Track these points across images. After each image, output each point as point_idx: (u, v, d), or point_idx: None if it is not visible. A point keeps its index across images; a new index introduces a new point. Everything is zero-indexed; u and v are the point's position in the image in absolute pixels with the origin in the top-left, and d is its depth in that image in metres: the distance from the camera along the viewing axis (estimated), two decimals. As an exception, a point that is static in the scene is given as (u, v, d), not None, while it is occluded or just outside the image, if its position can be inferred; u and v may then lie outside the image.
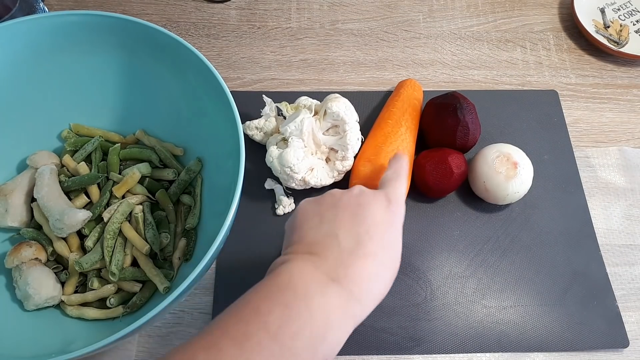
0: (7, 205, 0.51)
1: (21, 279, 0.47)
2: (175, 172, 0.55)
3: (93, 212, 0.51)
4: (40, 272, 0.48)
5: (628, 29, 0.69)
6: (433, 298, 0.53)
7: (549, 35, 0.71)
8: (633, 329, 0.52)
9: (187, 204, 0.54)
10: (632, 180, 0.60)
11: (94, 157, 0.55)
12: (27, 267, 0.48)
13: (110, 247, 0.49)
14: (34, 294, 0.46)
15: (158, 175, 0.55)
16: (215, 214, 0.49)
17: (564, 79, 0.67)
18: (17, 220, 0.51)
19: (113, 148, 0.55)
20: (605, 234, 0.57)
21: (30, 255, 0.48)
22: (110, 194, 0.52)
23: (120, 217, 0.50)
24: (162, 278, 0.48)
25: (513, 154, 0.54)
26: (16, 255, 0.48)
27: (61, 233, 0.49)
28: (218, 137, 0.50)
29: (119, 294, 0.49)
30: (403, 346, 0.50)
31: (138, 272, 0.49)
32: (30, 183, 0.52)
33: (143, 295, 0.49)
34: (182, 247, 0.51)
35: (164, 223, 0.53)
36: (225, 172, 0.48)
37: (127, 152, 0.55)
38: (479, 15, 0.73)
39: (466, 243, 0.55)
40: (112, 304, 0.48)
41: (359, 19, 0.72)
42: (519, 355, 0.50)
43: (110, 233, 0.50)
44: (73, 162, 0.54)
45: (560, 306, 0.52)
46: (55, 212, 0.49)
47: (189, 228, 0.52)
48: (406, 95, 0.59)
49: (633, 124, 0.64)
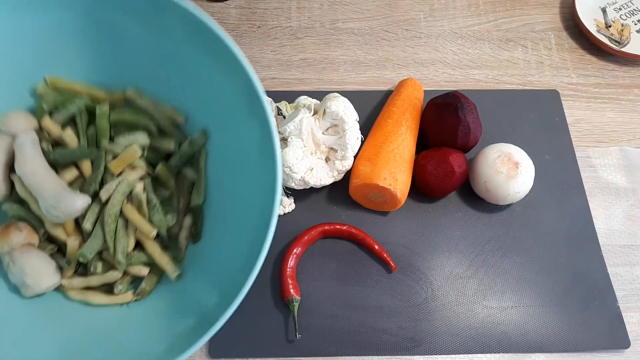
0: None
1: (15, 267, 0.43)
2: (176, 142, 0.49)
3: (87, 189, 0.46)
4: (36, 259, 0.44)
5: (629, 29, 0.69)
6: (434, 298, 0.52)
7: (550, 35, 0.71)
8: (634, 330, 0.52)
9: (190, 179, 0.49)
10: (634, 181, 0.60)
11: (79, 121, 0.48)
12: (20, 253, 0.44)
13: (112, 232, 0.46)
14: (34, 285, 0.43)
15: (156, 144, 0.49)
16: (222, 190, 0.47)
17: (565, 79, 0.67)
18: None
19: (101, 111, 0.47)
20: (607, 234, 0.57)
21: (22, 240, 0.44)
22: (104, 169, 0.47)
23: (121, 197, 0.46)
24: (172, 266, 0.46)
25: (514, 154, 0.54)
26: (5, 240, 0.44)
27: (57, 220, 0.45)
28: (225, 103, 0.45)
29: (125, 278, 0.46)
30: (404, 347, 0.50)
31: (145, 257, 0.46)
32: (7, 152, 0.46)
33: (151, 279, 0.46)
34: (188, 226, 0.48)
35: (166, 201, 0.48)
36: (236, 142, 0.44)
37: (118, 116, 0.48)
38: (480, 14, 0.72)
39: (467, 243, 0.55)
40: (121, 290, 0.46)
41: (359, 18, 0.71)
42: (520, 356, 0.50)
43: (112, 217, 0.46)
44: (56, 128, 0.47)
45: (561, 307, 0.52)
46: (47, 195, 0.44)
47: (195, 206, 0.48)
48: (407, 95, 0.59)
49: (634, 123, 0.64)
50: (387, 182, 0.51)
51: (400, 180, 0.52)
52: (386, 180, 0.51)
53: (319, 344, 0.50)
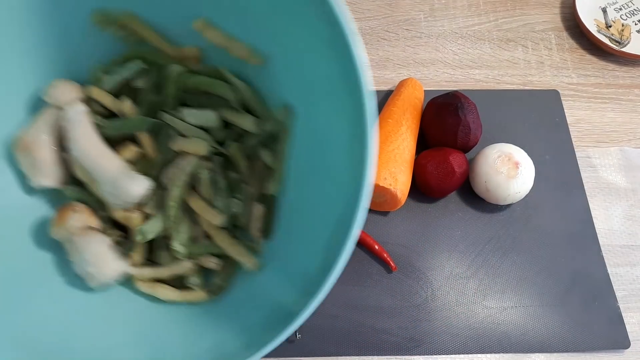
0: (34, 161, 0.39)
1: (77, 253, 0.39)
2: (258, 122, 0.41)
3: (149, 173, 0.40)
4: (97, 245, 0.39)
5: (630, 29, 0.69)
6: (434, 299, 0.52)
7: (551, 35, 0.71)
8: (634, 330, 0.52)
9: (266, 163, 0.42)
10: (634, 181, 0.60)
11: (144, 85, 0.41)
12: (79, 239, 0.39)
13: (174, 218, 0.40)
14: (96, 273, 0.39)
15: (232, 118, 0.41)
16: (300, 178, 0.40)
17: (566, 79, 0.67)
18: (51, 178, 0.41)
19: (172, 73, 0.40)
20: (607, 235, 0.57)
21: (79, 223, 0.39)
22: (166, 150, 0.41)
23: (185, 178, 0.40)
24: (248, 256, 0.40)
25: (514, 154, 0.54)
26: (62, 224, 0.39)
27: (117, 207, 0.40)
28: (315, 72, 0.37)
29: (196, 271, 0.41)
30: (403, 347, 0.50)
31: (213, 247, 0.41)
32: (54, 127, 0.41)
33: (225, 274, 0.41)
34: (259, 217, 0.41)
35: (234, 186, 0.42)
36: (322, 122, 0.37)
37: (194, 82, 0.41)
38: (480, 14, 0.72)
39: (467, 243, 0.55)
40: (193, 283, 0.40)
41: (359, 18, 0.71)
42: (520, 356, 0.50)
43: (174, 201, 0.40)
44: (109, 98, 0.40)
45: (561, 307, 0.52)
46: (105, 180, 0.39)
47: (270, 195, 0.41)
48: (407, 95, 0.59)
49: (635, 124, 0.64)
50: (387, 182, 0.51)
51: (401, 180, 0.52)
52: (386, 180, 0.52)
53: (319, 344, 0.50)
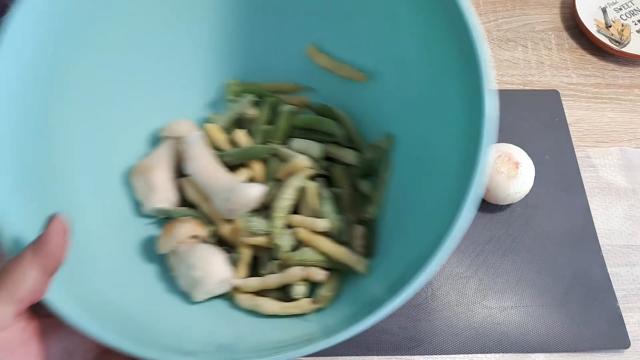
0: (150, 185, 0.41)
1: (182, 264, 0.38)
2: (358, 155, 0.43)
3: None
4: (204, 250, 0.39)
5: (630, 29, 0.69)
6: (434, 298, 0.52)
7: (551, 35, 0.71)
8: (634, 330, 0.52)
9: (364, 192, 0.43)
10: (634, 181, 0.60)
11: (260, 114, 0.44)
12: (185, 249, 0.39)
13: (279, 228, 0.40)
14: (202, 277, 0.37)
15: (333, 153, 0.43)
16: (400, 199, 0.41)
17: (566, 79, 0.67)
18: (165, 200, 0.42)
19: (285, 111, 0.43)
20: (607, 234, 0.57)
21: (187, 231, 0.39)
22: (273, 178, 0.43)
23: (293, 192, 0.41)
24: (359, 259, 0.39)
25: (514, 154, 0.54)
26: (170, 234, 0.39)
27: (231, 215, 0.40)
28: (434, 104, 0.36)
29: (305, 279, 0.40)
30: (404, 347, 0.50)
31: (318, 255, 0.40)
32: (172, 156, 0.43)
33: (331, 284, 0.39)
34: (360, 235, 0.41)
35: (338, 201, 0.42)
36: (429, 146, 0.36)
37: (304, 119, 0.44)
38: (480, 14, 0.72)
39: (467, 243, 0.55)
40: (299, 294, 0.38)
41: (359, 18, 0.71)
42: (520, 356, 0.50)
43: (280, 211, 0.39)
44: (223, 136, 0.44)
45: (561, 307, 0.52)
46: (220, 189, 0.40)
47: (369, 218, 0.41)
48: (407, 95, 0.59)
49: (635, 124, 0.64)
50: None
51: (401, 180, 0.52)
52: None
53: (319, 343, 0.50)
